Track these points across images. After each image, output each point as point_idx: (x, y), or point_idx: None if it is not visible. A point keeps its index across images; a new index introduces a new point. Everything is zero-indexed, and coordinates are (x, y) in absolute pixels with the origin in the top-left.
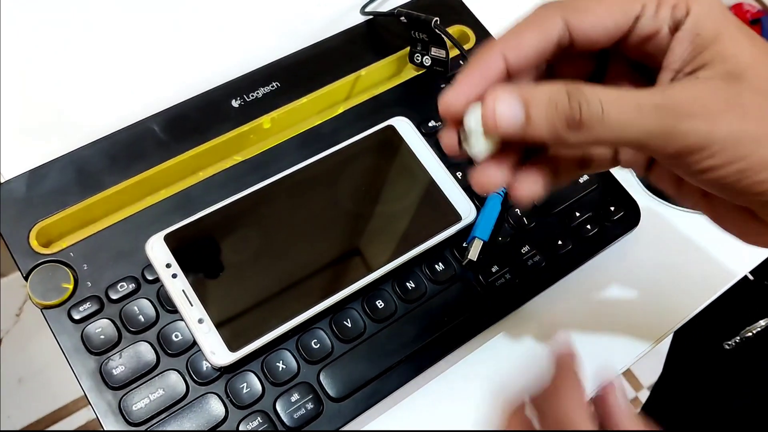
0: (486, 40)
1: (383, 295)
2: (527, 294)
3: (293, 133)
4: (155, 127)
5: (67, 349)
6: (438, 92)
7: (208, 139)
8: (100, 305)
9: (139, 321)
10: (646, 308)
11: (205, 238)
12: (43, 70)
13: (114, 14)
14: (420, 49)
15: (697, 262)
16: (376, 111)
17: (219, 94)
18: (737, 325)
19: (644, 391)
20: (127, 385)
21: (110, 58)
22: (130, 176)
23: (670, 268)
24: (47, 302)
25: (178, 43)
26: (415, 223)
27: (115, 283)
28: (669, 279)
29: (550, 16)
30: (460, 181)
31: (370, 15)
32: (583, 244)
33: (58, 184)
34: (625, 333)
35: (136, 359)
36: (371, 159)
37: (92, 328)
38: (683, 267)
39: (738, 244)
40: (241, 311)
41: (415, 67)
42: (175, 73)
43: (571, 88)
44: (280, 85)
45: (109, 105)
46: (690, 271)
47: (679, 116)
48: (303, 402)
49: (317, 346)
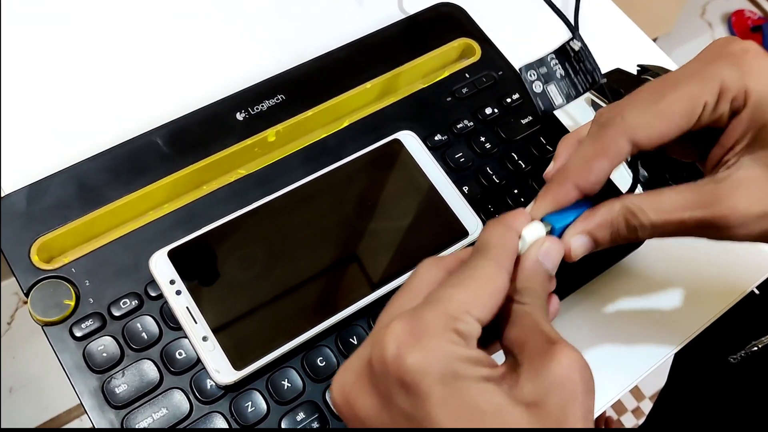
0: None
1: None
2: None
3: (298, 147)
4: (158, 141)
5: (68, 367)
6: (443, 106)
7: (212, 152)
8: (102, 322)
9: (142, 338)
10: (653, 324)
11: (209, 253)
12: (45, 82)
13: (117, 26)
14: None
15: (703, 278)
16: (381, 124)
17: (223, 106)
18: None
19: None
20: (130, 404)
21: (113, 70)
22: (133, 190)
23: (676, 284)
24: (48, 319)
25: (182, 55)
26: (422, 239)
27: (118, 300)
28: (675, 295)
29: (617, 139)
30: (467, 195)
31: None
32: (590, 261)
33: (59, 199)
34: (631, 349)
35: (139, 377)
36: (377, 173)
37: (94, 346)
38: (689, 283)
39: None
40: (245, 328)
41: (421, 79)
42: (179, 85)
43: (627, 214)
44: (285, 98)
45: (112, 118)
46: (696, 287)
47: (719, 230)
48: (309, 421)
49: (323, 364)
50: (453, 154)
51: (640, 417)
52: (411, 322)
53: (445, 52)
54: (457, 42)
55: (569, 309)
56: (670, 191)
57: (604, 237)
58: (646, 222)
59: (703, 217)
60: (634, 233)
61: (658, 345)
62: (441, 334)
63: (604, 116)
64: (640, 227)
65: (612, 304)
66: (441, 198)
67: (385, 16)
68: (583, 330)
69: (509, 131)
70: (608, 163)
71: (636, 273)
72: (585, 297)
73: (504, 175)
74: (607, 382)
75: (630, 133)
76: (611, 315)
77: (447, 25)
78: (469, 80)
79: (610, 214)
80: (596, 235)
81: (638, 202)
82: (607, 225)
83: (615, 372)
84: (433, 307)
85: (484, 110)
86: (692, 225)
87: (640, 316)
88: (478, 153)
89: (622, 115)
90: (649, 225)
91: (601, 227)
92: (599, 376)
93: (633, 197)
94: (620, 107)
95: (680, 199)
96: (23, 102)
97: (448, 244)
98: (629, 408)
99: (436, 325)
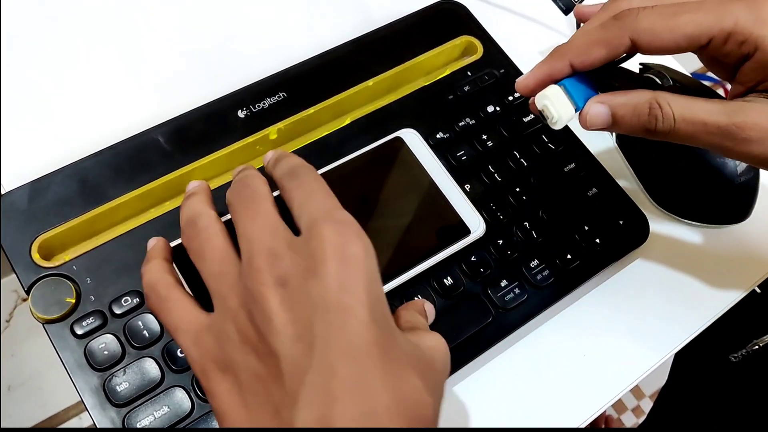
0: (494, 50)
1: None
2: (536, 308)
3: (300, 144)
4: (160, 138)
5: (69, 365)
6: (445, 104)
7: (214, 150)
8: (103, 320)
9: (143, 336)
10: (655, 323)
11: None
12: (46, 78)
13: (118, 23)
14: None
15: (704, 277)
16: (383, 122)
17: (225, 104)
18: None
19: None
20: (132, 402)
21: (114, 67)
22: (135, 188)
23: (676, 283)
24: (49, 317)
25: (183, 52)
26: (423, 237)
27: (119, 298)
28: (677, 293)
29: (620, 36)
30: (469, 193)
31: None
32: (592, 258)
33: (60, 196)
34: (633, 348)
35: (140, 375)
36: (379, 171)
37: (95, 344)
38: (692, 281)
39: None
40: None
41: (423, 77)
42: (180, 83)
43: (653, 101)
44: (287, 96)
45: (113, 115)
46: (698, 285)
47: (737, 140)
48: None
49: None
50: (455, 152)
51: (640, 416)
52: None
53: (447, 50)
54: (459, 40)
55: (570, 308)
56: (699, 99)
57: (624, 116)
58: (669, 114)
59: (724, 123)
60: (653, 123)
61: (658, 344)
62: None
63: (622, 7)
64: (663, 117)
65: (611, 304)
66: (443, 196)
67: (387, 13)
68: (583, 329)
69: (511, 129)
70: (606, 53)
71: (637, 272)
72: (585, 296)
73: (506, 173)
74: (608, 381)
75: (636, 34)
76: (612, 313)
77: (449, 22)
78: (471, 78)
79: (638, 96)
80: (617, 110)
81: (668, 96)
82: (632, 105)
83: (615, 371)
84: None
85: (486, 108)
86: (713, 130)
87: (641, 315)
88: (480, 151)
89: (638, 16)
90: (671, 117)
91: (624, 106)
92: (600, 375)
93: (666, 93)
94: (638, 7)
95: (707, 105)
96: (24, 99)
97: (450, 243)
98: (629, 406)
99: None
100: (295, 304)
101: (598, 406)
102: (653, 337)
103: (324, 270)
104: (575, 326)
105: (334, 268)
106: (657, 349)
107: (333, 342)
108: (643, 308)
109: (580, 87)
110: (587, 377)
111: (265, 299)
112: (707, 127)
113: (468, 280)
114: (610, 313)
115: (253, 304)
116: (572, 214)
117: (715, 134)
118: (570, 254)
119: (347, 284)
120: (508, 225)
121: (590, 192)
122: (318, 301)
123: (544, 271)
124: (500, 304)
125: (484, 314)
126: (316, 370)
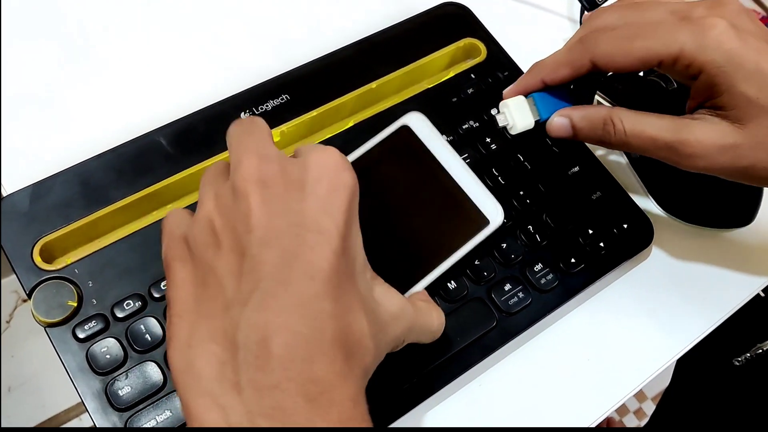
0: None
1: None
2: (540, 313)
3: None
4: (162, 140)
5: (71, 369)
6: (449, 106)
7: (217, 152)
8: (105, 323)
9: (145, 340)
10: (659, 327)
11: None
12: (47, 80)
13: (120, 23)
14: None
15: (709, 281)
16: (387, 124)
17: (228, 106)
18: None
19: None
20: (134, 406)
21: (116, 69)
22: (137, 190)
23: (680, 287)
24: (51, 320)
25: (186, 54)
26: (440, 233)
27: (121, 301)
28: (681, 297)
29: (581, 59)
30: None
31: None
32: (596, 262)
33: (62, 198)
34: (637, 352)
35: (142, 379)
36: (387, 167)
37: (97, 348)
38: (696, 285)
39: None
40: None
41: (426, 79)
42: (183, 84)
43: (607, 117)
44: (290, 98)
45: (115, 117)
46: (702, 289)
47: (682, 156)
48: None
49: None
50: (458, 154)
51: (643, 418)
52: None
53: (451, 52)
54: (463, 42)
55: (573, 312)
56: (651, 115)
57: (582, 128)
58: (621, 129)
59: (670, 140)
60: (608, 136)
61: (663, 348)
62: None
63: (585, 31)
64: (615, 132)
65: (615, 307)
66: (458, 186)
67: (389, 15)
68: (587, 333)
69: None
70: (571, 72)
71: (641, 275)
72: (589, 299)
73: (510, 177)
74: (612, 385)
75: (595, 58)
76: (616, 317)
77: (452, 24)
78: (474, 80)
79: (595, 112)
80: (576, 123)
81: (622, 113)
82: (588, 119)
83: (619, 375)
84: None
85: (489, 111)
86: (661, 145)
87: (645, 319)
88: (484, 154)
89: (597, 40)
90: (623, 132)
91: (583, 119)
92: (604, 379)
93: (621, 109)
94: (600, 31)
95: (658, 121)
96: (26, 101)
97: (469, 236)
98: (631, 409)
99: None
100: (274, 210)
101: (602, 411)
102: (657, 341)
103: (313, 188)
104: (579, 330)
105: (324, 190)
106: (661, 353)
107: (299, 258)
108: (647, 312)
109: (549, 100)
110: (591, 381)
111: (248, 195)
112: (656, 142)
113: (471, 283)
114: (614, 317)
115: (234, 200)
116: (576, 218)
117: (663, 149)
118: (574, 258)
119: (331, 209)
120: (512, 229)
121: (594, 195)
122: (297, 215)
123: (548, 275)
124: (504, 309)
125: (488, 319)
126: (274, 278)
